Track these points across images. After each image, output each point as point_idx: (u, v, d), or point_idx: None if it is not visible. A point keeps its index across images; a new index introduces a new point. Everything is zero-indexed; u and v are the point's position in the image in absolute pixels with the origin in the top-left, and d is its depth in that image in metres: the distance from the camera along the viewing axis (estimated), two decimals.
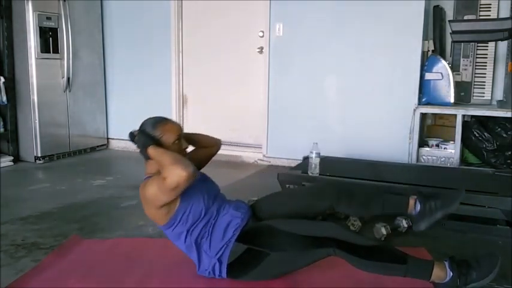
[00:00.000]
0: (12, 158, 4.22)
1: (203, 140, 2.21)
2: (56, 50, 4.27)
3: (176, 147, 1.90)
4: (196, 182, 1.81)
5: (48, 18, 4.17)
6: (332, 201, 1.94)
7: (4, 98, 4.14)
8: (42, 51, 4.15)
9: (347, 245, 1.75)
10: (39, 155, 4.23)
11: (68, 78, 4.39)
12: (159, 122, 1.92)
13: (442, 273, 1.75)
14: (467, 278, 1.74)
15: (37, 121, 4.19)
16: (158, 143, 1.85)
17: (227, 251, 1.83)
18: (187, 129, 4.41)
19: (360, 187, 2.05)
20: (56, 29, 4.24)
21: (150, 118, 1.96)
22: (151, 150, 1.81)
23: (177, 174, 1.67)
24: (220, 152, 2.29)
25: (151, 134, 1.88)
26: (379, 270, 1.79)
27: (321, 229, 1.84)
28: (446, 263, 1.77)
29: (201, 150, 2.17)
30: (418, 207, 1.73)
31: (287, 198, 2.11)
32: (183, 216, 1.84)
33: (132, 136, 1.93)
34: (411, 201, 1.75)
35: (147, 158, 1.87)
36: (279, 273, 1.90)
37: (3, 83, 4.11)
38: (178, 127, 1.96)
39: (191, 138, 2.08)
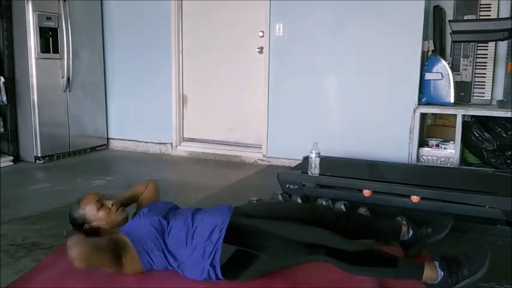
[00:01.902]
0: (12, 158, 4.23)
1: (135, 191, 2.29)
2: (56, 50, 4.27)
3: (106, 212, 1.99)
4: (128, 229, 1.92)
5: (48, 18, 4.17)
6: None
7: (4, 98, 4.14)
8: (42, 51, 4.15)
9: (337, 251, 1.78)
10: (39, 155, 4.23)
11: (68, 78, 4.39)
12: (76, 203, 2.02)
13: (433, 273, 1.76)
14: (459, 276, 1.74)
15: (37, 121, 4.19)
16: (86, 223, 1.96)
17: (217, 255, 1.83)
18: (187, 129, 4.43)
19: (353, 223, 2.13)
20: (56, 29, 4.24)
21: (69, 209, 2.04)
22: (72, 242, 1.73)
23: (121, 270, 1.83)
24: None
25: (78, 219, 1.97)
26: (370, 274, 1.83)
27: (311, 235, 1.86)
28: (436, 263, 1.78)
29: (142, 196, 2.26)
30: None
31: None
32: (148, 256, 1.89)
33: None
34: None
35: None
36: (271, 272, 1.91)
37: (3, 83, 4.10)
38: (92, 195, 2.03)
39: (125, 200, 2.21)
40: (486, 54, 3.85)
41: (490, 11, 3.76)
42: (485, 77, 3.87)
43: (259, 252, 1.82)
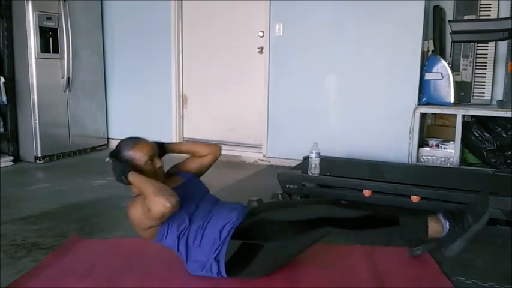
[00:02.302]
0: (12, 158, 4.22)
1: (197, 149, 2.21)
2: (56, 50, 4.26)
3: (150, 167, 1.92)
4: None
5: (48, 18, 4.17)
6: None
7: (4, 98, 4.13)
8: (42, 51, 4.15)
9: (339, 221, 1.77)
10: (39, 155, 4.23)
11: (68, 78, 4.39)
12: (132, 142, 1.96)
13: (438, 226, 1.73)
14: (465, 223, 1.71)
15: (37, 121, 4.19)
16: (133, 166, 1.87)
17: (223, 250, 1.83)
18: (187, 129, 4.42)
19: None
20: (56, 29, 4.24)
21: (124, 139, 2.00)
22: (132, 178, 1.82)
23: (160, 205, 1.68)
24: None
25: (125, 157, 1.91)
26: (375, 238, 1.80)
27: (312, 210, 1.85)
28: (440, 215, 1.75)
29: (196, 159, 2.19)
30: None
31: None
32: (168, 228, 1.86)
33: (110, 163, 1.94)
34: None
35: (126, 184, 1.87)
36: (277, 263, 1.90)
37: (3, 83, 4.10)
38: (150, 147, 1.97)
39: (182, 149, 2.17)
40: (486, 54, 3.85)
41: (490, 11, 3.76)
42: (485, 77, 3.87)
43: (263, 242, 1.81)
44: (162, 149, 2.07)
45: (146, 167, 1.91)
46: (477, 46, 3.85)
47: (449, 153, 3.66)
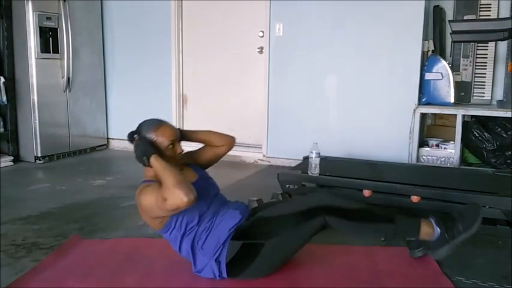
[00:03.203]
0: (12, 158, 4.22)
1: (212, 139, 2.16)
2: (56, 50, 4.26)
3: (170, 152, 1.90)
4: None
5: (48, 18, 4.17)
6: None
7: (4, 98, 4.13)
8: (42, 51, 4.15)
9: (336, 210, 1.80)
10: (39, 155, 4.23)
11: (68, 78, 4.39)
12: (155, 124, 1.92)
13: (429, 229, 1.80)
14: (455, 231, 1.78)
15: (37, 121, 4.19)
16: (154, 147, 1.85)
17: (224, 251, 1.83)
18: (187, 129, 4.41)
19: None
20: (56, 29, 4.24)
21: (147, 120, 1.96)
22: (154, 161, 1.80)
23: (178, 198, 1.65)
24: None
25: (147, 138, 1.88)
26: (369, 233, 1.86)
27: (309, 201, 1.87)
28: (433, 220, 1.82)
29: (210, 148, 2.15)
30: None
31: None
32: (176, 222, 1.85)
33: (131, 137, 1.93)
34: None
35: (146, 165, 1.85)
36: (278, 261, 1.90)
37: (3, 83, 4.10)
38: (173, 132, 1.94)
39: (198, 138, 2.09)
40: (486, 54, 3.85)
41: (490, 11, 3.76)
42: (485, 77, 3.87)
43: (263, 240, 1.81)
44: (180, 135, 2.02)
45: (166, 152, 1.88)
46: (477, 46, 3.85)
47: (449, 153, 3.66)
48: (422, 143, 3.80)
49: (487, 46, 3.83)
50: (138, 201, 1.82)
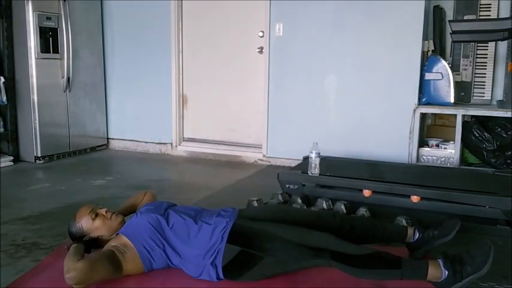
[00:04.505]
0: (12, 158, 4.22)
1: (131, 204, 2.31)
2: (56, 50, 4.26)
3: (101, 220, 1.99)
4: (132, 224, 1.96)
5: (48, 18, 4.17)
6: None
7: (4, 98, 4.14)
8: (42, 51, 4.15)
9: (342, 255, 1.78)
10: (39, 155, 4.23)
11: (68, 78, 4.39)
12: (72, 220, 2.03)
13: (437, 272, 1.76)
14: (463, 273, 1.74)
15: (37, 121, 4.19)
16: (85, 235, 1.98)
17: (220, 255, 1.83)
18: (187, 129, 4.43)
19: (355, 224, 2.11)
20: (56, 29, 4.24)
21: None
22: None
23: (73, 275, 1.73)
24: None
25: (78, 234, 1.98)
26: (376, 277, 1.83)
27: (316, 239, 1.86)
28: (440, 262, 1.78)
29: (140, 205, 2.26)
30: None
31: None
32: (149, 253, 1.89)
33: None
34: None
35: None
36: (273, 275, 1.90)
37: (3, 83, 4.10)
38: (85, 207, 2.05)
39: (123, 213, 2.18)
40: (486, 54, 3.85)
41: (490, 11, 3.76)
42: (485, 77, 3.87)
43: (262, 255, 1.81)
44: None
45: (100, 223, 1.99)
46: (477, 46, 3.85)
47: (449, 153, 3.66)
48: (422, 143, 3.80)
49: (487, 46, 3.83)
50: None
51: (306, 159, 3.02)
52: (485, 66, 3.86)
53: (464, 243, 2.37)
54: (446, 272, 1.75)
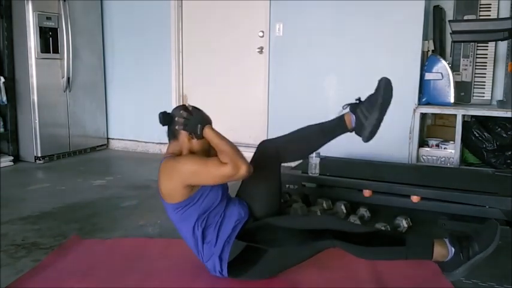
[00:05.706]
0: (12, 158, 4.22)
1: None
2: (56, 50, 4.27)
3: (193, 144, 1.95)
4: None
5: (48, 18, 4.17)
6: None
7: (4, 98, 4.14)
8: (42, 51, 4.15)
9: (345, 235, 1.74)
10: (39, 155, 4.23)
11: (68, 78, 4.39)
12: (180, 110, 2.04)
13: (443, 250, 1.71)
14: (470, 251, 1.69)
15: (37, 121, 4.19)
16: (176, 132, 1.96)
17: (227, 249, 1.83)
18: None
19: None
20: (56, 29, 4.24)
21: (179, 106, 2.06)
22: (210, 131, 1.88)
23: (238, 166, 1.68)
24: None
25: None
26: (380, 256, 1.78)
27: (318, 221, 1.85)
28: (447, 240, 1.74)
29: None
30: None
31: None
32: (199, 199, 1.83)
33: (167, 116, 2.06)
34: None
35: (198, 135, 1.89)
36: (279, 269, 1.90)
37: (3, 83, 4.11)
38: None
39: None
40: (486, 54, 3.85)
41: (490, 11, 3.76)
42: (485, 77, 3.87)
43: (266, 247, 1.80)
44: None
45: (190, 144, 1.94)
46: (477, 46, 3.85)
47: (449, 153, 3.66)
48: (422, 143, 3.80)
49: (487, 46, 3.83)
50: (168, 168, 1.81)
51: (306, 159, 3.02)
52: (485, 66, 3.86)
53: None
54: (453, 250, 1.69)
